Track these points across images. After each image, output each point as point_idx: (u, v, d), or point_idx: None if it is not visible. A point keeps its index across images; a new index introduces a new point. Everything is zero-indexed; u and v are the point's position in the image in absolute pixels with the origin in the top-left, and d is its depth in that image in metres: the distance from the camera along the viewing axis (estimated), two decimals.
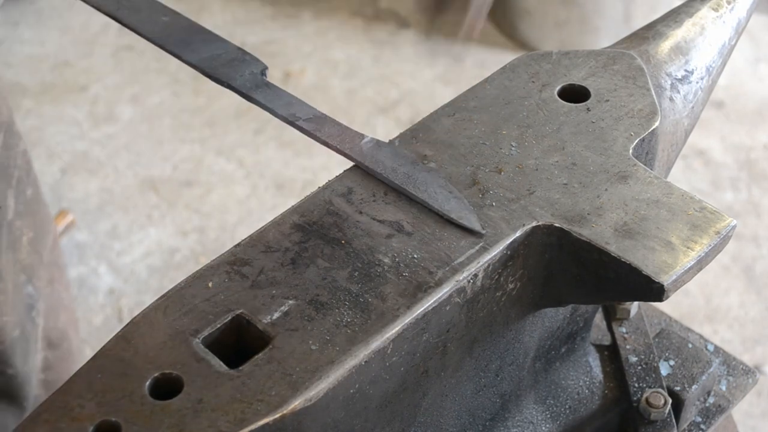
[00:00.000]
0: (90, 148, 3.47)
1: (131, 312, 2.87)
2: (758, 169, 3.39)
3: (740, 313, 2.91)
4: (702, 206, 1.05)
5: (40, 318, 1.82)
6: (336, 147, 1.13)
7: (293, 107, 1.16)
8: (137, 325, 0.96)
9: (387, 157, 1.11)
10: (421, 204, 1.07)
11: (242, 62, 1.20)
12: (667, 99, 1.24)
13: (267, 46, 3.90)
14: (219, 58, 1.20)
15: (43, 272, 1.83)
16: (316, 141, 1.14)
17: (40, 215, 1.81)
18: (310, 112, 1.16)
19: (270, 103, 1.16)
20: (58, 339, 1.93)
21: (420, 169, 1.10)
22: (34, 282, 1.78)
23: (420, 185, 1.08)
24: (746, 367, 1.47)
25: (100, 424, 0.88)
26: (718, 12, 1.33)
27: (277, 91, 1.18)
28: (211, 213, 3.21)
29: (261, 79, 1.19)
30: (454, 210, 1.05)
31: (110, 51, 3.88)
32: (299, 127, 1.14)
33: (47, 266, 1.85)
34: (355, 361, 0.93)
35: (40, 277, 1.81)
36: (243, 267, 1.01)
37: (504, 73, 1.25)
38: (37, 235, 1.79)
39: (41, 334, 1.85)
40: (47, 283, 1.86)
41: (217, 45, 1.22)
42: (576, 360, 1.34)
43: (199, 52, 1.21)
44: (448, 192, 1.07)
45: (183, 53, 1.21)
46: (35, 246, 1.78)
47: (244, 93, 1.17)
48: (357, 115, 3.58)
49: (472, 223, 1.04)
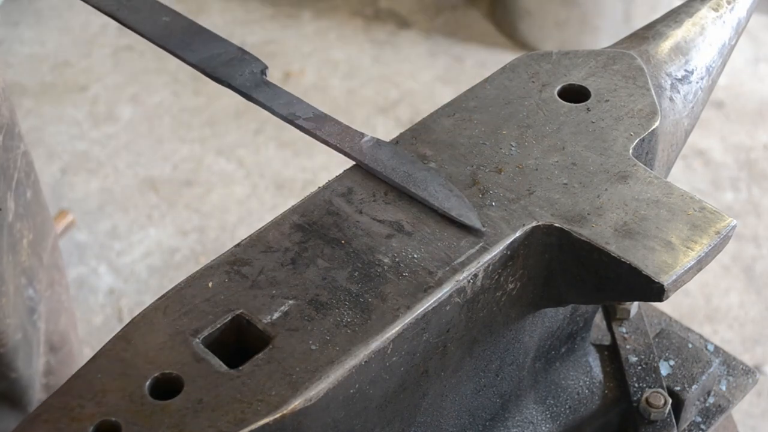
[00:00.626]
0: (90, 148, 3.47)
1: (131, 312, 2.87)
2: (758, 169, 3.39)
3: (740, 313, 2.91)
4: (702, 206, 1.05)
5: (41, 321, 1.82)
6: (336, 146, 1.13)
7: (293, 106, 1.16)
8: (137, 325, 0.96)
9: (387, 156, 1.11)
10: (421, 203, 1.07)
11: (242, 62, 1.20)
12: (667, 99, 1.24)
13: (267, 46, 3.90)
14: (219, 57, 1.21)
15: (44, 275, 1.83)
16: (315, 139, 1.14)
17: (41, 217, 1.81)
18: (309, 111, 1.16)
19: (270, 102, 1.16)
20: (59, 342, 1.92)
21: (420, 168, 1.10)
22: (34, 285, 1.77)
23: (420, 184, 1.08)
24: (746, 367, 1.47)
25: (100, 424, 0.88)
26: (718, 12, 1.33)
27: (276, 90, 1.18)
28: (211, 213, 3.21)
29: (261, 78, 1.19)
30: (454, 208, 1.05)
31: (110, 51, 3.88)
32: (299, 125, 1.14)
33: (47, 269, 1.85)
34: (355, 361, 0.93)
35: (40, 280, 1.81)
36: (243, 267, 1.01)
37: (504, 73, 1.25)
38: (37, 237, 1.79)
39: (43, 337, 1.84)
40: (47, 286, 1.86)
41: (216, 44, 1.22)
42: (576, 360, 1.34)
43: (199, 52, 1.21)
44: (448, 190, 1.07)
45: (183, 53, 1.21)
46: (35, 248, 1.78)
47: (244, 92, 1.17)
48: (357, 115, 3.57)
49: (472, 220, 1.04)
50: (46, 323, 1.85)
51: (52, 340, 1.89)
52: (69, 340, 1.97)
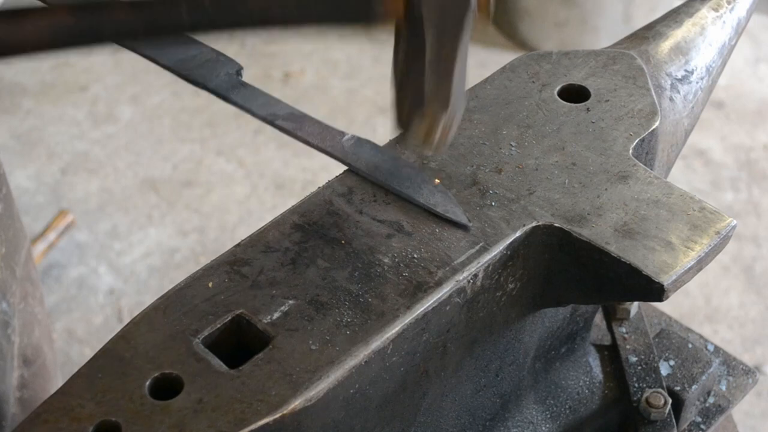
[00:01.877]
0: (90, 148, 3.47)
1: (131, 312, 2.87)
2: (758, 169, 3.39)
3: (740, 313, 2.91)
4: (702, 206, 1.05)
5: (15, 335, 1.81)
6: (317, 145, 1.12)
7: (271, 107, 1.15)
8: (137, 325, 0.96)
9: (369, 154, 1.11)
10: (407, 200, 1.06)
11: (217, 63, 1.19)
12: (667, 99, 1.24)
13: (267, 46, 3.90)
14: (193, 59, 1.19)
15: (17, 288, 1.82)
16: (296, 140, 1.14)
17: (13, 230, 1.80)
18: (288, 110, 1.15)
19: (247, 103, 1.15)
20: (32, 355, 1.91)
21: (403, 165, 1.10)
22: (8, 298, 1.76)
23: (404, 181, 1.08)
24: (746, 367, 1.47)
25: (100, 424, 0.88)
26: (718, 12, 1.33)
27: (253, 91, 1.17)
28: (211, 213, 3.21)
29: (237, 79, 1.18)
30: (439, 204, 1.05)
31: (110, 51, 3.86)
32: (278, 126, 1.13)
33: (21, 282, 1.84)
34: (355, 361, 0.93)
35: (14, 293, 1.79)
36: (243, 267, 1.01)
37: (504, 73, 1.25)
38: (10, 250, 1.77)
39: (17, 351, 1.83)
40: (21, 299, 1.84)
41: (191, 46, 1.21)
42: (576, 360, 1.34)
43: (174, 54, 1.20)
44: (432, 186, 1.07)
45: (156, 55, 1.20)
46: (8, 262, 1.76)
47: (221, 94, 1.16)
48: (357, 115, 3.58)
49: (458, 216, 1.04)
50: (20, 336, 1.84)
51: (25, 353, 1.88)
52: (42, 352, 1.96)
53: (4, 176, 1.77)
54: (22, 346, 1.85)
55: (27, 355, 1.89)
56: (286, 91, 3.58)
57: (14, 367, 1.83)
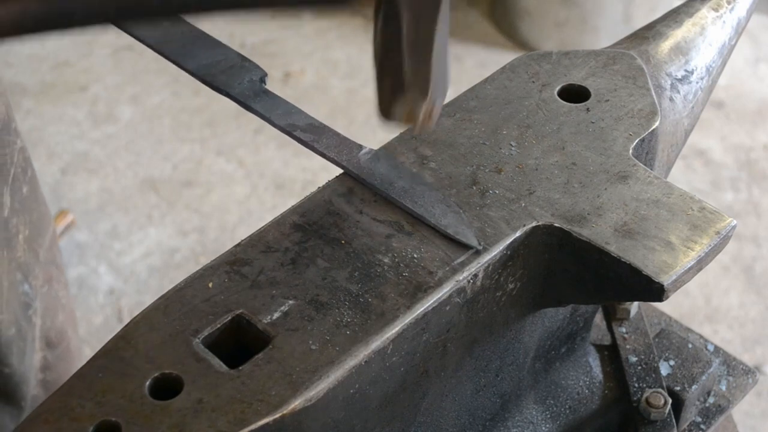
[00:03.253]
0: (90, 148, 3.47)
1: (131, 312, 2.87)
2: (758, 169, 3.39)
3: (740, 313, 2.91)
4: (702, 206, 1.05)
5: (37, 317, 1.82)
6: (333, 159, 1.11)
7: (291, 116, 1.15)
8: (137, 325, 0.96)
9: (385, 170, 1.10)
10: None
11: (242, 69, 1.19)
12: (667, 99, 1.24)
13: (267, 46, 3.90)
14: (218, 64, 1.19)
15: (40, 271, 1.83)
16: (313, 152, 1.13)
17: (37, 213, 1.81)
18: (308, 120, 1.15)
19: (268, 112, 1.14)
20: (56, 339, 1.92)
21: (418, 182, 1.09)
22: (30, 280, 1.77)
23: (417, 199, 1.07)
24: (746, 367, 1.47)
25: (100, 424, 0.88)
26: (718, 12, 1.33)
27: (275, 99, 1.16)
28: (211, 213, 3.22)
29: (260, 86, 1.17)
30: (450, 225, 1.04)
31: (110, 51, 3.88)
32: (297, 138, 1.13)
33: (44, 265, 1.85)
34: (355, 361, 0.93)
35: (36, 276, 1.81)
36: (243, 267, 1.01)
37: (504, 73, 1.25)
38: (33, 233, 1.78)
39: (39, 333, 1.84)
40: (44, 282, 1.86)
41: (217, 51, 1.21)
42: (576, 360, 1.34)
43: (199, 59, 1.19)
44: (445, 206, 1.06)
45: (182, 60, 1.19)
46: (31, 244, 1.77)
47: (243, 102, 1.15)
48: (357, 115, 3.57)
49: (468, 239, 1.03)
50: (43, 319, 1.85)
51: (49, 336, 1.89)
52: (67, 336, 1.97)
53: (29, 160, 1.77)
54: (45, 329, 1.86)
55: (50, 338, 1.90)
56: (286, 91, 3.58)
57: (36, 348, 1.83)
